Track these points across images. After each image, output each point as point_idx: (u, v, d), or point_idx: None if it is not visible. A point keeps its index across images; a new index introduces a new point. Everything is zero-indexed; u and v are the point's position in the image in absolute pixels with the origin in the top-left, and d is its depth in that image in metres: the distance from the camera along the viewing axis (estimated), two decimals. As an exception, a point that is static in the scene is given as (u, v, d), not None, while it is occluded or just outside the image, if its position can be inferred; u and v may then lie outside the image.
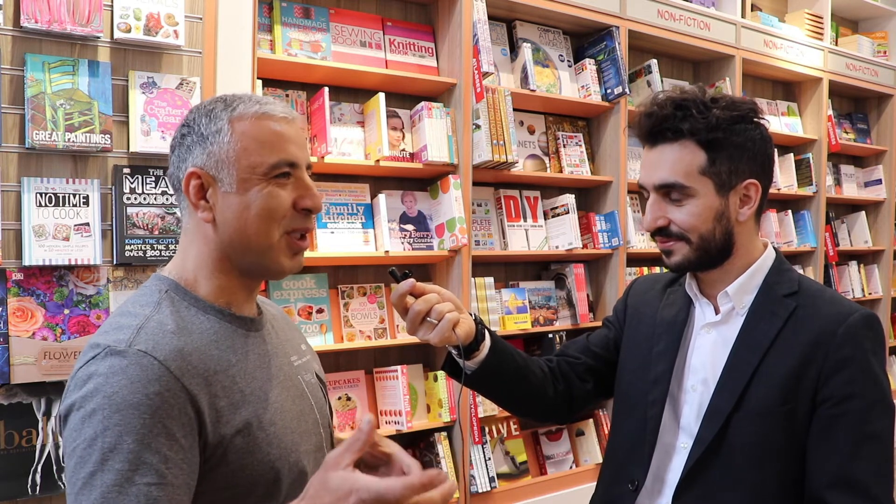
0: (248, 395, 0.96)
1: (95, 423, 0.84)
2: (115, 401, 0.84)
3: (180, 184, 1.00)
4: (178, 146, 1.01)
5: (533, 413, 1.44)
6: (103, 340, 0.90)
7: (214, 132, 0.97)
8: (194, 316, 0.97)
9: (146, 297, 0.98)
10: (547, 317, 2.98)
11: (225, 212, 0.97)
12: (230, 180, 0.97)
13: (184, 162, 0.99)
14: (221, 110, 0.99)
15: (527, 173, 2.94)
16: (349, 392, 2.53)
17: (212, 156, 0.97)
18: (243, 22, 2.16)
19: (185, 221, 1.02)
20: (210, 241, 0.99)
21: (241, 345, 1.00)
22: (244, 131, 0.97)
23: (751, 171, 1.21)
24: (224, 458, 0.92)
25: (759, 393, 1.17)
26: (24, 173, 1.87)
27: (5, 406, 1.84)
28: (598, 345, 1.45)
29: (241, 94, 1.02)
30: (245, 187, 0.97)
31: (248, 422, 0.94)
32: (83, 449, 0.84)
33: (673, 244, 1.23)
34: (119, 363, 0.86)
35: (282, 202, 0.98)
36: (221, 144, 0.97)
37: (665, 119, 1.20)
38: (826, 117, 4.06)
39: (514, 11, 2.95)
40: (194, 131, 0.99)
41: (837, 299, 1.23)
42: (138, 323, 0.92)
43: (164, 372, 0.87)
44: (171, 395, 0.87)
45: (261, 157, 0.97)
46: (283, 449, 0.98)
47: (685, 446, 1.23)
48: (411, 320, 1.17)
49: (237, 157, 0.97)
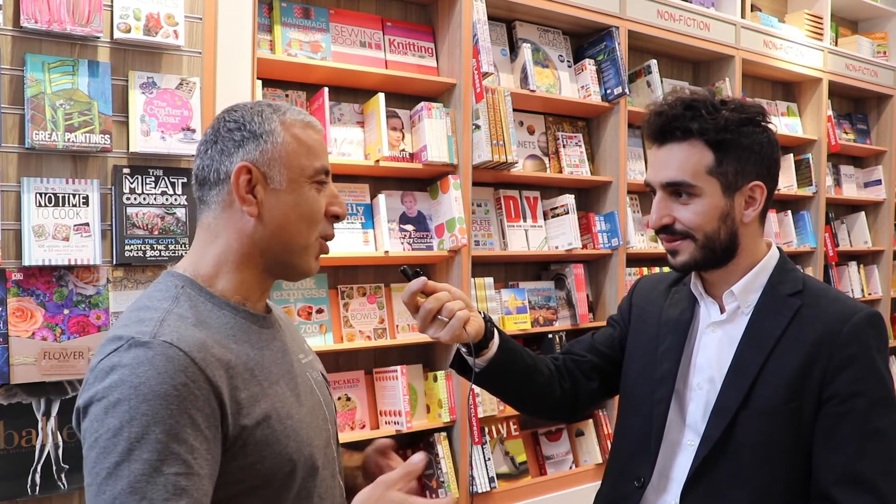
0: (266, 388, 0.98)
1: (121, 413, 0.84)
2: (141, 391, 0.84)
3: (220, 177, 1.01)
4: (222, 140, 1.02)
5: (540, 411, 1.45)
6: (125, 332, 0.90)
7: (269, 131, 1.01)
8: (210, 311, 0.99)
9: (162, 292, 0.99)
10: (546, 317, 2.98)
11: (272, 208, 1.01)
12: (280, 178, 1.01)
13: (230, 157, 1.01)
14: (271, 112, 1.03)
15: (526, 173, 2.94)
16: (349, 392, 2.53)
17: (265, 153, 1.01)
18: (243, 22, 2.16)
19: (212, 217, 1.03)
20: (245, 236, 1.01)
21: (257, 339, 1.02)
22: (295, 135, 1.03)
23: (757, 173, 1.22)
24: (243, 450, 0.93)
25: (765, 391, 1.18)
26: (23, 173, 1.86)
27: (5, 406, 1.84)
28: (604, 343, 1.46)
29: (279, 102, 1.08)
30: (293, 187, 1.02)
31: (267, 414, 0.96)
32: (107, 439, 0.84)
33: (679, 243, 1.24)
34: (145, 354, 0.87)
35: (321, 206, 1.05)
36: (275, 143, 1.01)
37: (675, 118, 1.21)
38: (826, 118, 4.06)
39: (513, 12, 2.95)
40: (245, 128, 1.02)
41: (842, 298, 1.24)
42: (160, 316, 0.93)
43: (189, 363, 0.88)
44: (197, 387, 0.88)
45: (308, 161, 1.03)
46: (299, 442, 0.99)
47: (692, 444, 1.24)
48: (422, 318, 1.18)
49: (289, 158, 1.01)
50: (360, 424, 2.52)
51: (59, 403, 1.89)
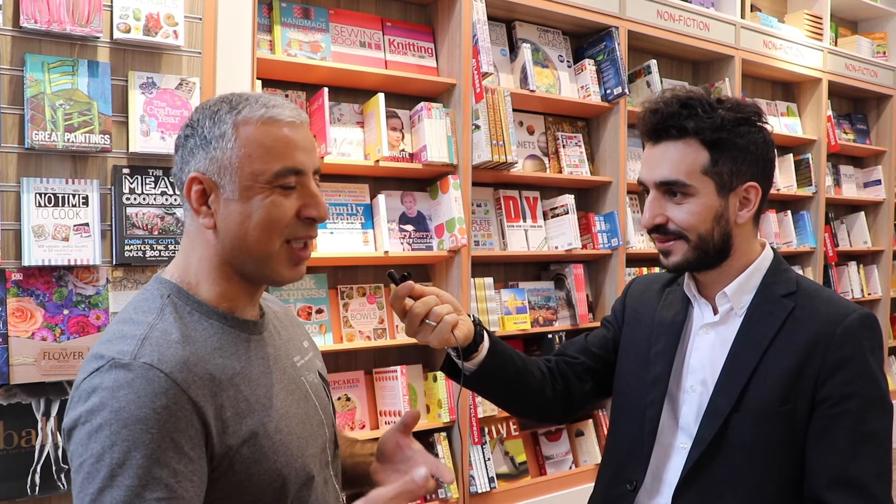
0: (253, 403, 0.95)
1: (102, 438, 0.82)
2: (121, 416, 0.82)
3: (182, 185, 0.97)
4: (182, 147, 0.98)
5: (532, 413, 1.44)
6: (106, 351, 0.87)
7: (218, 136, 0.94)
8: (197, 322, 0.96)
9: (148, 302, 0.96)
10: (546, 317, 2.98)
11: (226, 219, 0.94)
12: (232, 187, 0.93)
13: (186, 165, 0.96)
14: (226, 113, 0.95)
15: (526, 174, 2.95)
16: (348, 392, 2.53)
17: (214, 161, 0.94)
18: (243, 22, 2.16)
19: (188, 224, 1.00)
20: (211, 247, 0.97)
21: (244, 350, 0.99)
22: (248, 136, 0.94)
23: (752, 173, 1.21)
24: (231, 469, 0.90)
25: (757, 393, 1.17)
26: (23, 173, 1.87)
27: (4, 406, 1.84)
28: (597, 345, 1.45)
29: (248, 94, 0.98)
30: (247, 195, 0.93)
31: (253, 431, 0.93)
32: (91, 465, 0.82)
33: (672, 244, 1.23)
34: (124, 376, 0.84)
35: (284, 212, 0.95)
36: (224, 150, 0.93)
37: (670, 116, 1.20)
38: (825, 118, 4.06)
39: (513, 12, 2.95)
40: (197, 133, 0.96)
41: (835, 299, 1.23)
42: (142, 332, 0.89)
43: (170, 385, 0.85)
44: (179, 408, 0.85)
45: (265, 165, 0.93)
46: (289, 455, 0.96)
47: (684, 446, 1.23)
48: (410, 322, 1.17)
49: (240, 164, 0.93)
50: (359, 424, 2.52)
51: (59, 404, 1.89)
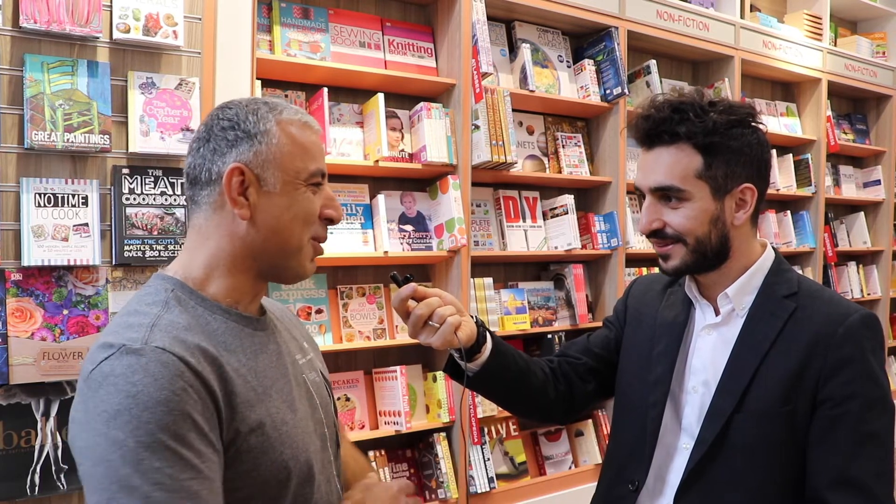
0: (260, 393, 0.96)
1: (122, 423, 0.81)
2: (140, 399, 0.81)
3: (211, 177, 0.98)
4: (215, 139, 0.99)
5: (534, 414, 1.45)
6: (115, 340, 0.87)
7: (263, 131, 0.98)
8: (202, 316, 0.96)
9: (152, 296, 0.96)
10: (546, 317, 2.98)
11: (265, 211, 0.98)
12: (274, 181, 0.98)
13: (223, 156, 0.98)
14: (268, 111, 1.00)
15: (526, 174, 2.94)
16: (348, 392, 2.53)
17: (259, 154, 0.98)
18: (242, 22, 2.16)
19: (203, 218, 1.00)
20: (236, 239, 0.99)
21: (250, 344, 0.99)
22: (292, 135, 1.00)
23: (747, 175, 1.21)
24: (238, 458, 0.91)
25: (759, 394, 1.18)
26: (22, 173, 1.87)
27: (4, 406, 1.84)
28: (599, 345, 1.45)
29: (276, 100, 1.04)
30: (287, 190, 0.99)
31: (261, 421, 0.93)
32: (112, 452, 0.80)
33: (670, 248, 1.23)
34: (137, 361, 0.84)
35: (315, 208, 1.02)
36: (270, 145, 0.98)
37: (662, 122, 1.20)
38: (825, 118, 4.06)
39: (513, 12, 2.95)
40: (239, 127, 0.98)
41: (836, 300, 1.23)
42: (150, 321, 0.90)
43: (185, 367, 0.85)
44: (196, 390, 0.85)
45: (303, 164, 1.00)
46: (295, 448, 0.97)
47: (687, 447, 1.23)
48: (413, 324, 1.18)
49: (283, 160, 0.99)
50: (359, 425, 2.52)
51: (59, 404, 1.89)
